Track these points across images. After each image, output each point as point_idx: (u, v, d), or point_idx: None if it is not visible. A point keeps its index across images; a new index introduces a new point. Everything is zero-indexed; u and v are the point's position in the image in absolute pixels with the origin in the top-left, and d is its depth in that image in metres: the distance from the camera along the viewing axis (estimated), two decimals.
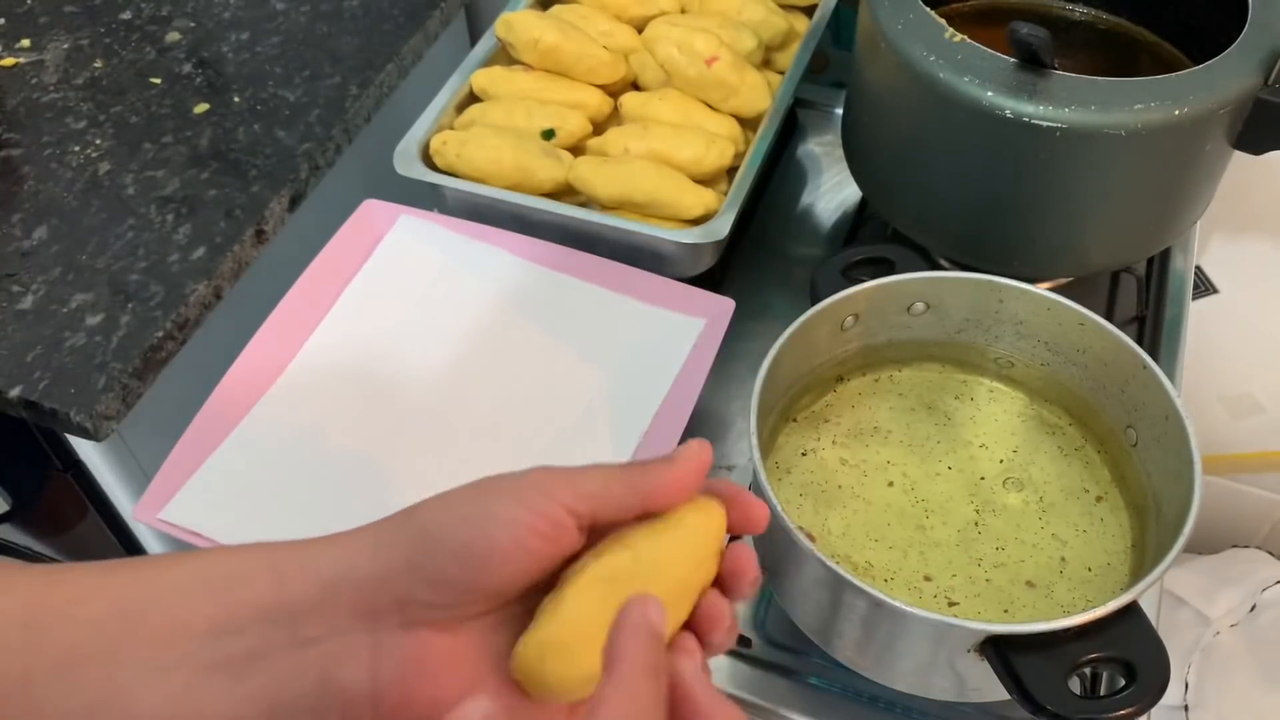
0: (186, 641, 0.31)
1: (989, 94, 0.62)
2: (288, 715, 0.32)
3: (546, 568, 0.33)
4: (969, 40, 0.64)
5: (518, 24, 0.79)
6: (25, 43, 0.95)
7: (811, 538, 0.50)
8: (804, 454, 0.61)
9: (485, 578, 0.32)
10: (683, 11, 0.84)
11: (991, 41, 0.64)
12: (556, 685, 0.32)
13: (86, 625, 0.31)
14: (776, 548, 0.54)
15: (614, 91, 0.81)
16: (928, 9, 0.66)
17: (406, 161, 0.75)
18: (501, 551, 0.32)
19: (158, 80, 0.92)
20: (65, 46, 0.95)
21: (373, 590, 0.32)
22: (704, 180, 0.75)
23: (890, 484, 0.60)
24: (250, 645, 0.31)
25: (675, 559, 0.34)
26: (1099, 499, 0.59)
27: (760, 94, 0.78)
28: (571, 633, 0.32)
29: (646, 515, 0.35)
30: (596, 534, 0.34)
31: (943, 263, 0.73)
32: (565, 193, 0.76)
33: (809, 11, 0.86)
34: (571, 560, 0.34)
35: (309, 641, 0.32)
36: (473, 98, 0.81)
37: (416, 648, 0.32)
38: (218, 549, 0.34)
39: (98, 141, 0.87)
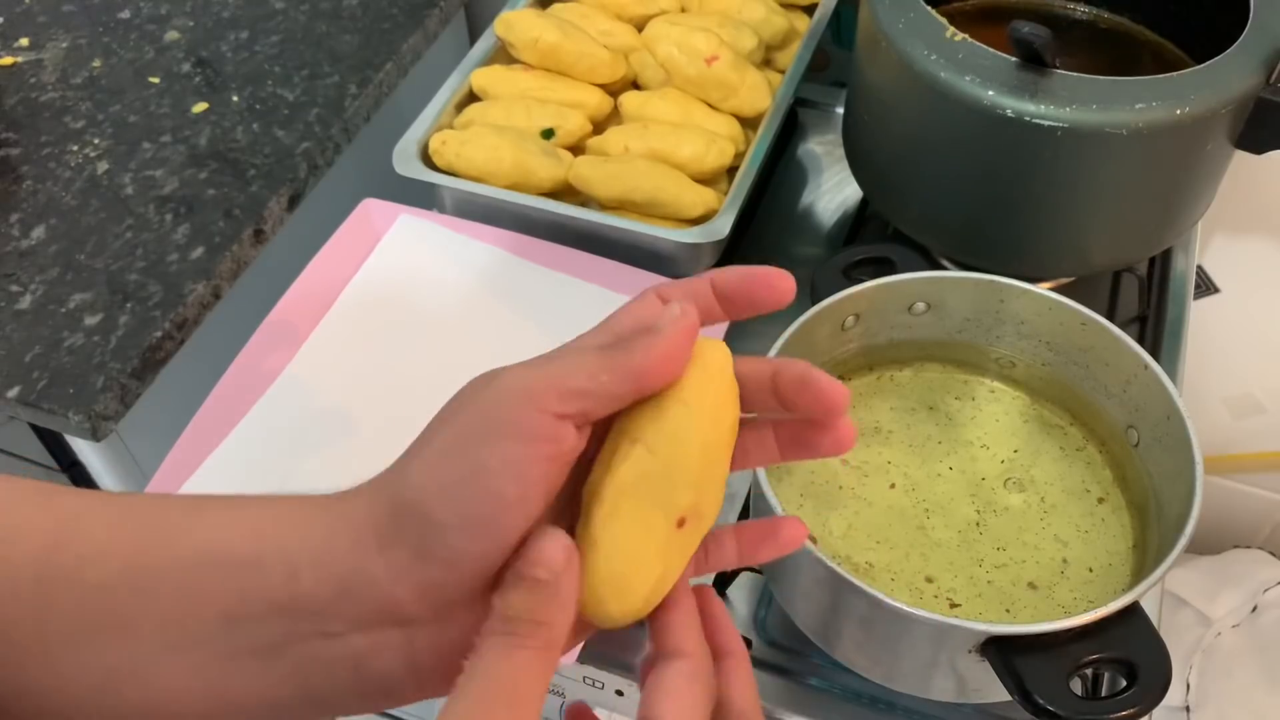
0: (200, 626, 0.30)
1: (990, 93, 0.62)
2: (326, 696, 0.31)
3: (559, 484, 0.31)
4: (970, 39, 0.64)
5: (517, 23, 0.79)
6: (24, 42, 0.95)
7: (812, 539, 0.50)
8: None
9: (500, 535, 0.29)
10: (683, 10, 0.84)
11: (993, 40, 0.63)
12: (622, 619, 0.31)
13: (97, 591, 0.30)
14: None
15: (614, 91, 0.81)
16: (929, 8, 0.66)
17: (406, 161, 0.75)
18: (510, 504, 0.29)
19: (156, 79, 0.91)
20: (64, 46, 0.95)
21: (390, 587, 0.30)
22: (704, 180, 0.75)
23: (891, 485, 0.59)
24: (273, 635, 0.30)
25: (690, 431, 0.32)
26: (1100, 499, 0.59)
27: (760, 93, 0.78)
28: (621, 567, 0.31)
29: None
30: (598, 426, 0.32)
31: (944, 262, 0.72)
32: (565, 192, 0.75)
33: (809, 10, 0.86)
34: (583, 464, 0.32)
35: (335, 636, 0.30)
36: (472, 97, 0.80)
37: (451, 630, 0.30)
38: (225, 516, 0.31)
39: (96, 141, 0.86)
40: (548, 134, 0.76)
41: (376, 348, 0.70)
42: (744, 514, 0.66)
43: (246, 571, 0.30)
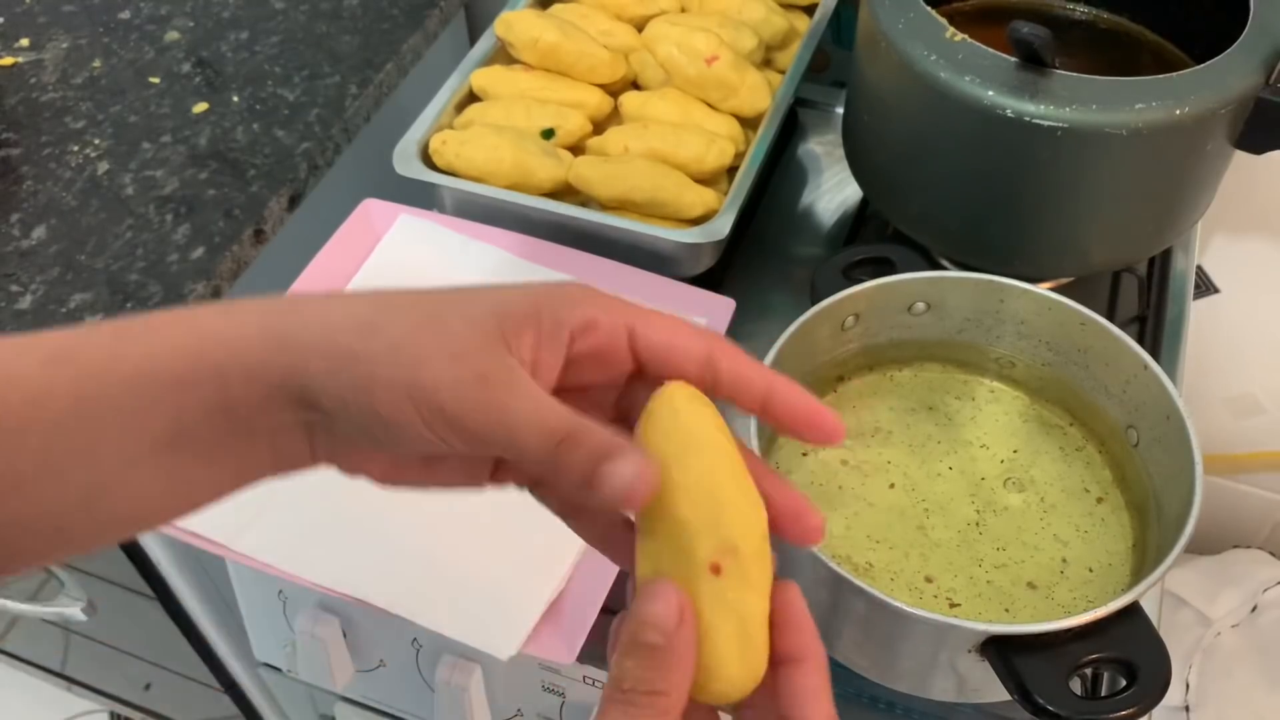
0: (152, 440, 0.32)
1: (990, 93, 0.62)
2: (271, 468, 0.34)
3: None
4: (970, 39, 0.64)
5: (517, 23, 0.79)
6: (24, 42, 0.95)
7: None
8: (804, 455, 0.61)
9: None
10: (683, 10, 0.84)
11: (992, 41, 0.63)
12: (737, 690, 0.31)
13: (54, 427, 0.31)
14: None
15: (614, 91, 0.81)
16: (928, 8, 0.66)
17: (406, 161, 0.75)
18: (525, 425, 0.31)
19: (156, 80, 0.91)
20: (64, 46, 0.95)
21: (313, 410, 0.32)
22: (704, 180, 0.75)
23: (891, 485, 0.59)
24: (216, 435, 0.32)
25: (679, 505, 0.31)
26: (1100, 499, 0.59)
27: (760, 93, 0.78)
28: (713, 653, 0.30)
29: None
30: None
31: (944, 262, 0.73)
32: (565, 192, 0.75)
33: (809, 11, 0.86)
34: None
35: (256, 430, 0.32)
36: (472, 97, 0.80)
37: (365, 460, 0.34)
38: (155, 341, 0.32)
39: (96, 141, 0.86)
40: (548, 134, 0.76)
41: None
42: None
43: (182, 389, 0.32)
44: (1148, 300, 0.78)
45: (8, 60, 0.93)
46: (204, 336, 0.32)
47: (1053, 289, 0.60)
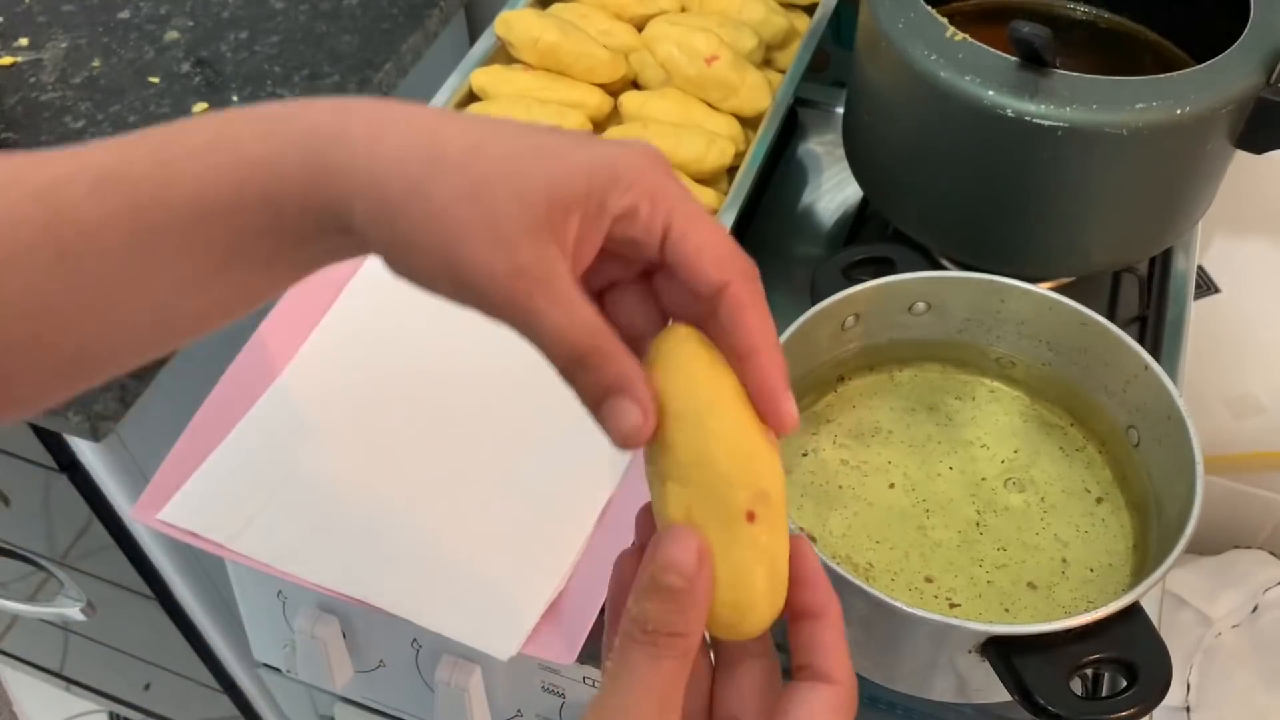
0: (210, 263, 0.33)
1: (990, 93, 0.61)
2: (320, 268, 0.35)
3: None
4: (970, 39, 0.64)
5: (517, 23, 0.79)
6: (23, 41, 0.95)
7: (812, 538, 0.50)
8: (805, 454, 0.61)
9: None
10: (683, 10, 0.84)
11: (993, 40, 0.63)
12: (756, 629, 0.32)
13: (112, 258, 0.32)
14: None
15: (614, 90, 0.81)
16: (929, 8, 0.66)
17: None
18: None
19: (156, 79, 0.91)
20: (63, 45, 0.95)
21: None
22: (704, 180, 0.75)
23: (891, 485, 0.59)
24: (269, 250, 0.33)
25: (702, 445, 0.32)
26: (1100, 499, 0.59)
27: (760, 93, 0.78)
28: (726, 593, 0.32)
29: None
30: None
31: (944, 262, 0.72)
32: None
33: (810, 10, 0.86)
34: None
35: (308, 242, 0.33)
36: (472, 97, 0.80)
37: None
38: (205, 171, 0.32)
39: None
40: None
41: (380, 343, 0.70)
42: None
43: (235, 214, 0.32)
44: (1148, 300, 0.78)
45: (7, 60, 0.93)
46: (252, 165, 0.32)
47: (1053, 289, 0.60)
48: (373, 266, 0.74)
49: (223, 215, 0.32)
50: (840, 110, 0.88)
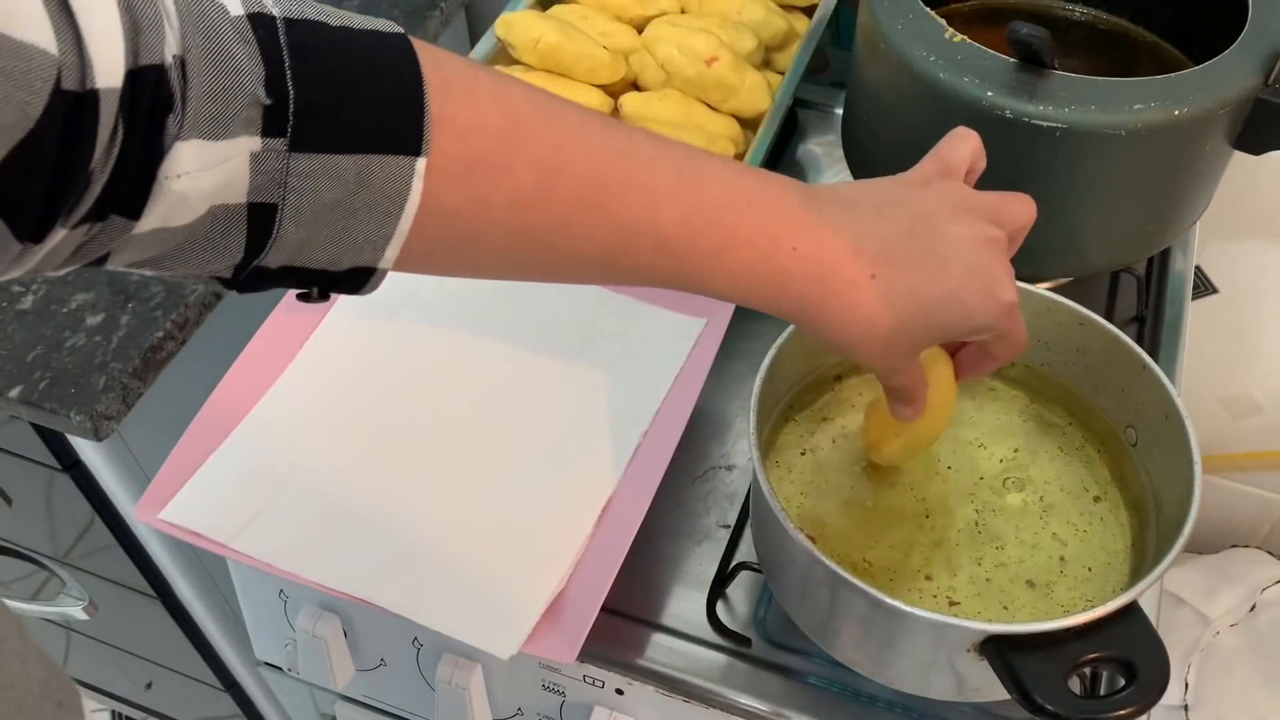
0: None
1: (989, 94, 0.62)
2: None
3: None
4: (969, 40, 0.64)
5: (518, 24, 0.79)
6: None
7: (812, 537, 0.50)
8: (804, 454, 0.61)
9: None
10: (683, 12, 0.84)
11: (991, 41, 0.64)
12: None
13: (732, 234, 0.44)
14: (775, 547, 0.54)
15: (614, 92, 0.81)
16: (927, 9, 0.66)
17: None
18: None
19: None
20: None
21: None
22: None
23: (891, 484, 0.60)
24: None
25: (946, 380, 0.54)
26: (1098, 499, 0.59)
27: (760, 94, 0.78)
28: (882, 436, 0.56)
29: None
30: None
31: None
32: None
33: (809, 11, 0.86)
34: None
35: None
36: None
37: None
38: (748, 283, 0.46)
39: None
40: None
41: (382, 342, 0.70)
42: (743, 512, 0.66)
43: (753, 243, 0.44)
44: (1146, 300, 0.78)
45: None
46: (773, 296, 0.45)
47: (1051, 289, 0.60)
48: None
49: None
50: (840, 111, 0.88)
